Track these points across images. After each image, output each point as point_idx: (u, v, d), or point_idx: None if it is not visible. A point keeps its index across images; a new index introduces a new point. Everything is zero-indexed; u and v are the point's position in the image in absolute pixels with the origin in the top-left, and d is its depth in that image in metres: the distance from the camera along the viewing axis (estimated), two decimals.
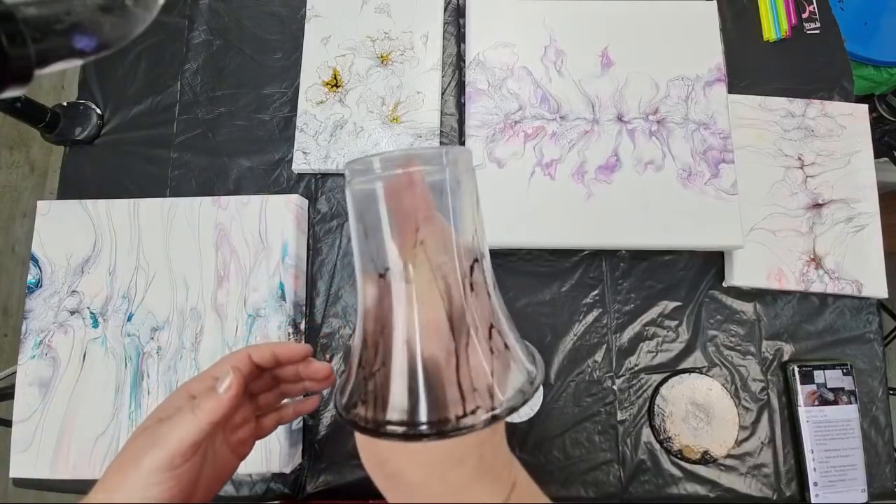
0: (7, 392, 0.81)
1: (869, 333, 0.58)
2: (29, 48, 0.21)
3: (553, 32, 0.59)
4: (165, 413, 0.30)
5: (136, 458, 0.28)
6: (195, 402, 0.29)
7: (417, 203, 0.23)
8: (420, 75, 0.61)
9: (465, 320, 0.22)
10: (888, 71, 1.08)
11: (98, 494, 0.28)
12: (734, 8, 0.67)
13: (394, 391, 0.22)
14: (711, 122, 0.56)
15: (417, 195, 0.23)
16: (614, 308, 0.58)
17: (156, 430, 0.29)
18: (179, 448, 0.28)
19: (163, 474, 0.27)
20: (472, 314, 0.23)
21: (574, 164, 0.55)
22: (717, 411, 0.54)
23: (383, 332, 0.23)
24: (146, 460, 0.27)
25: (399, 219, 0.23)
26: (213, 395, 0.29)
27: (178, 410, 0.29)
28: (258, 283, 0.54)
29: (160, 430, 0.28)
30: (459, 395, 0.22)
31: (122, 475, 0.27)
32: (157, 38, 0.66)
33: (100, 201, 0.58)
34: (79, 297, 0.55)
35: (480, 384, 0.22)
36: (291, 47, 0.65)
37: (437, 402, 0.22)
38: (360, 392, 0.23)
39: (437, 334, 0.22)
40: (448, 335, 0.22)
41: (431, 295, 0.22)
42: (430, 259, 0.22)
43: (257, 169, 0.62)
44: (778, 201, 0.58)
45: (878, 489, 0.54)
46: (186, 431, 0.28)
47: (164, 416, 0.29)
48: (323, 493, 0.54)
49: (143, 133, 0.64)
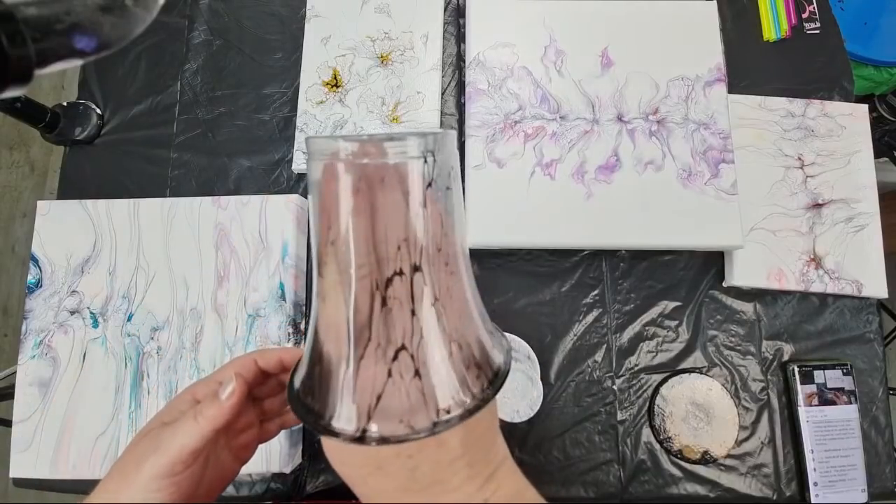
0: (7, 392, 0.80)
1: (869, 333, 0.58)
2: (29, 48, 0.20)
3: (553, 32, 0.59)
4: (169, 417, 0.30)
5: (137, 463, 0.28)
6: (198, 407, 0.29)
7: (332, 200, 0.21)
8: (420, 75, 0.61)
9: (367, 331, 0.21)
10: (888, 71, 1.08)
11: (100, 494, 0.28)
12: (734, 8, 0.67)
13: (309, 379, 0.23)
14: (711, 122, 0.56)
15: (333, 191, 0.21)
16: (614, 308, 0.58)
17: (158, 434, 0.29)
18: (180, 455, 0.27)
19: (163, 480, 0.27)
20: (377, 328, 0.21)
21: (574, 164, 0.55)
22: (717, 411, 0.54)
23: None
24: (147, 466, 0.27)
25: (318, 211, 0.22)
26: (216, 402, 0.29)
27: (182, 415, 0.29)
28: (258, 283, 0.54)
29: (162, 434, 0.29)
30: (339, 402, 0.21)
31: (123, 479, 0.28)
32: (157, 38, 0.66)
33: (100, 201, 0.58)
34: (79, 297, 0.55)
35: (362, 401, 0.21)
36: (291, 47, 0.65)
37: (322, 399, 0.22)
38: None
39: (335, 336, 0.22)
40: (345, 341, 0.21)
41: (335, 296, 0.22)
42: (339, 261, 0.21)
43: (257, 169, 0.62)
44: (778, 201, 0.58)
45: (878, 489, 0.54)
46: (188, 438, 0.28)
47: (168, 420, 0.29)
48: (323, 493, 0.54)
49: (143, 133, 0.64)
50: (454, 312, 0.22)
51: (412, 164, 0.20)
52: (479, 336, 0.23)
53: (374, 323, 0.21)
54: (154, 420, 0.30)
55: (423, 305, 0.21)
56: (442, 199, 0.21)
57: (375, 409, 0.21)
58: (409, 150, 0.20)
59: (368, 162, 0.20)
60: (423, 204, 0.20)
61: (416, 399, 0.21)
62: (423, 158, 0.20)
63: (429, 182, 0.20)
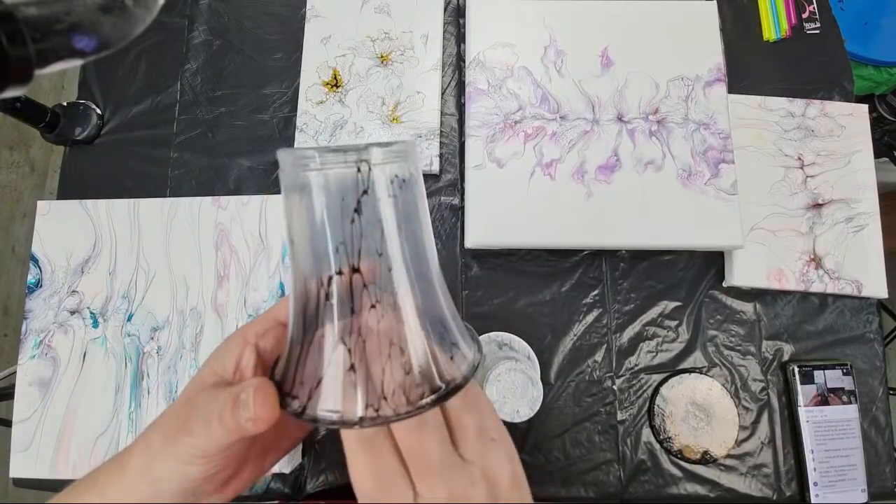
0: (7, 392, 0.81)
1: (869, 333, 0.58)
2: (29, 48, 0.20)
3: (553, 32, 0.59)
4: (201, 396, 0.26)
5: (173, 439, 0.25)
6: (230, 412, 0.24)
7: (287, 205, 0.24)
8: (420, 75, 0.61)
9: (314, 321, 0.23)
10: (888, 71, 1.08)
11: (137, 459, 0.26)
12: (734, 8, 0.67)
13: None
14: (711, 122, 0.56)
15: (287, 197, 0.24)
16: (614, 308, 0.58)
17: (187, 417, 0.25)
18: (212, 448, 0.24)
19: (199, 458, 0.25)
20: (321, 320, 0.23)
21: (574, 164, 0.55)
22: (717, 411, 0.54)
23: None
24: (182, 444, 0.25)
25: (283, 213, 0.25)
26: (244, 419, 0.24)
27: (210, 410, 0.24)
28: (258, 283, 0.54)
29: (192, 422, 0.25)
30: (292, 380, 0.24)
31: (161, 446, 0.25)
32: (157, 38, 0.66)
33: (100, 201, 0.58)
34: (79, 297, 0.55)
35: (307, 382, 0.23)
36: (291, 47, 0.65)
37: (282, 375, 0.25)
38: None
39: (294, 323, 0.24)
40: (300, 327, 0.24)
41: (296, 288, 0.24)
42: (294, 258, 0.24)
43: (257, 169, 0.62)
44: (778, 201, 0.58)
45: (878, 489, 0.54)
46: (212, 443, 0.24)
47: (199, 404, 0.25)
48: (323, 493, 0.54)
49: (143, 133, 0.64)
50: (398, 318, 0.23)
51: (346, 172, 0.22)
52: (428, 346, 0.24)
53: (319, 315, 0.23)
54: (192, 386, 0.27)
55: (364, 305, 0.23)
56: (385, 206, 0.23)
57: (315, 391, 0.23)
58: (345, 159, 0.22)
59: (312, 170, 0.22)
60: (357, 210, 0.22)
61: (349, 391, 0.22)
62: (357, 168, 0.22)
63: (363, 190, 0.22)
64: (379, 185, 0.22)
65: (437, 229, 0.60)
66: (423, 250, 0.24)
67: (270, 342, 0.28)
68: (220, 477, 0.26)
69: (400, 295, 0.23)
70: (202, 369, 0.27)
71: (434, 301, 0.25)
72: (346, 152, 0.22)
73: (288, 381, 0.24)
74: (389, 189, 0.23)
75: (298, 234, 0.23)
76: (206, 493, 0.26)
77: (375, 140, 0.60)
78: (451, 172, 0.61)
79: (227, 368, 0.27)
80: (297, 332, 0.24)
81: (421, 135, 0.60)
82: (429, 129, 0.60)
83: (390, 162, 0.23)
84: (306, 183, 0.22)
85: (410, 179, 0.24)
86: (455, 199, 0.60)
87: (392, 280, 0.23)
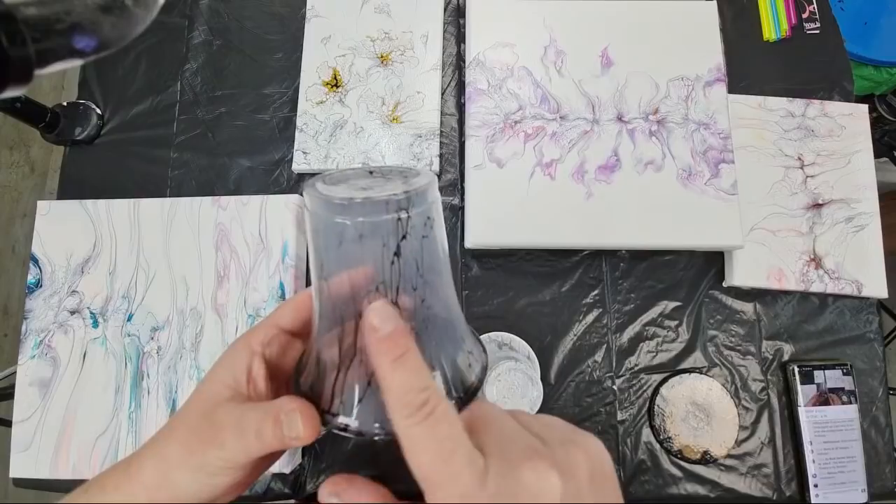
0: (7, 392, 0.81)
1: (869, 333, 0.58)
2: (29, 48, 0.20)
3: (553, 32, 0.59)
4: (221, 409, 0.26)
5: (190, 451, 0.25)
6: (272, 429, 0.24)
7: (324, 246, 0.25)
8: (420, 75, 0.61)
9: (352, 349, 0.24)
10: (888, 71, 1.08)
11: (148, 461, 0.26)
12: (734, 8, 0.67)
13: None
14: (711, 122, 0.56)
15: (324, 239, 0.25)
16: (614, 308, 0.58)
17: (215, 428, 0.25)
18: (243, 460, 0.25)
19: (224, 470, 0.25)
20: (360, 348, 0.24)
21: (574, 164, 0.55)
22: (717, 411, 0.54)
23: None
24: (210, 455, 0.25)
25: (313, 250, 0.25)
26: (277, 438, 0.24)
27: (244, 425, 0.25)
28: (258, 283, 0.54)
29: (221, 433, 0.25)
30: (330, 400, 0.25)
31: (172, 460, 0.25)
32: (157, 38, 0.66)
33: (100, 201, 0.58)
34: (79, 297, 0.55)
35: (348, 400, 0.25)
36: (291, 47, 0.65)
37: (318, 392, 0.26)
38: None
39: (329, 348, 0.25)
40: (337, 355, 0.25)
41: (328, 319, 0.25)
42: (332, 296, 0.25)
43: (257, 169, 0.62)
44: (778, 201, 0.58)
45: (878, 489, 0.54)
46: (245, 456, 0.25)
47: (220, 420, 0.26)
48: None
49: (143, 133, 0.64)
50: (430, 340, 0.25)
51: (387, 219, 0.23)
52: (454, 358, 0.26)
53: (357, 344, 0.24)
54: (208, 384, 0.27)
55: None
56: (418, 245, 0.24)
57: (356, 408, 0.24)
58: (387, 209, 0.23)
59: (351, 218, 0.23)
60: (397, 254, 0.23)
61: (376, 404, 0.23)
62: (398, 216, 0.23)
63: (402, 235, 0.23)
64: (415, 228, 0.23)
65: None
66: (443, 269, 0.26)
67: (276, 350, 0.28)
68: (240, 484, 0.27)
69: (430, 319, 0.25)
70: (211, 382, 0.27)
71: (455, 315, 0.27)
72: (387, 203, 0.22)
73: (326, 400, 0.25)
74: (423, 231, 0.24)
75: (335, 275, 0.24)
76: (222, 497, 0.27)
77: (377, 140, 0.60)
78: (451, 172, 0.61)
79: (240, 380, 0.27)
80: (334, 359, 0.25)
81: (421, 135, 0.60)
82: (429, 129, 0.60)
83: (422, 204, 0.24)
84: (343, 230, 0.23)
85: (436, 216, 0.25)
86: (455, 199, 0.60)
87: (424, 308, 0.25)
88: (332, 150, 0.59)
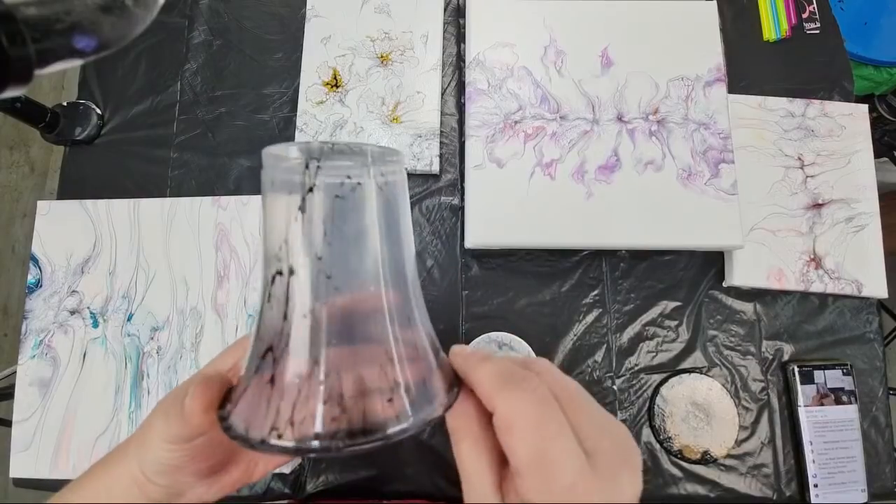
0: (7, 392, 0.81)
1: (869, 333, 0.58)
2: (29, 48, 0.21)
3: (553, 32, 0.59)
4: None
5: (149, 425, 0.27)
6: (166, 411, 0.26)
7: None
8: (420, 75, 0.61)
9: (257, 320, 0.23)
10: (888, 71, 1.08)
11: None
12: (734, 8, 0.67)
13: None
14: (711, 122, 0.56)
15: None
16: (614, 308, 0.58)
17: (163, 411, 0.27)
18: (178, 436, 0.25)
19: (173, 444, 0.25)
20: (261, 322, 0.22)
21: (574, 164, 0.55)
22: (717, 411, 0.54)
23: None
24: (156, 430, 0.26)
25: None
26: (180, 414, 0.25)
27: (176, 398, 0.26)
28: (258, 283, 0.54)
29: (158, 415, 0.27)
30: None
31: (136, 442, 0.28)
32: (157, 38, 0.66)
33: (100, 201, 0.58)
34: (79, 297, 0.55)
35: (237, 385, 0.23)
36: (291, 47, 0.65)
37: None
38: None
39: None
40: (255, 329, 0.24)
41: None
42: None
43: (257, 169, 0.62)
44: (778, 201, 0.58)
45: (878, 489, 0.54)
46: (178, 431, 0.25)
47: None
48: (323, 493, 0.54)
49: (143, 133, 0.64)
50: (334, 334, 0.21)
51: (295, 168, 0.21)
52: (363, 376, 0.20)
53: (261, 315, 0.22)
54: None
55: (295, 312, 0.21)
56: (329, 205, 0.21)
57: (240, 398, 0.21)
58: (292, 154, 0.21)
59: (268, 169, 0.22)
60: (301, 208, 0.21)
61: (262, 406, 0.20)
62: (305, 164, 0.21)
63: (309, 187, 0.21)
64: (330, 186, 0.22)
65: (437, 229, 0.60)
66: (367, 249, 0.23)
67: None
68: (198, 468, 0.27)
69: (350, 311, 0.23)
70: (216, 359, 0.28)
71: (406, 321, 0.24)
72: (300, 149, 0.21)
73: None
74: (341, 191, 0.22)
75: (261, 232, 0.23)
76: (188, 483, 0.27)
77: (377, 141, 0.60)
78: (451, 172, 0.61)
79: (226, 366, 0.28)
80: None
81: (421, 135, 0.60)
82: (429, 129, 0.60)
83: (344, 164, 0.22)
84: (264, 180, 0.23)
85: (371, 187, 0.22)
86: (455, 199, 0.60)
87: (345, 290, 0.22)
88: None
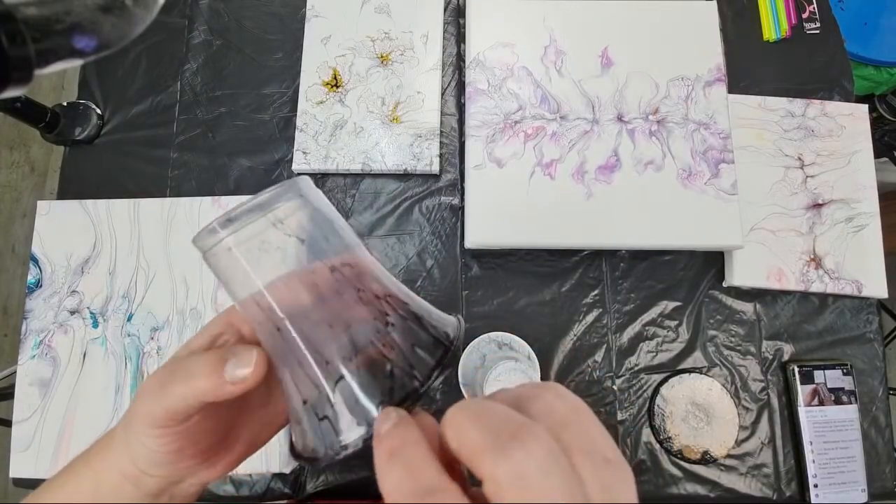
0: (7, 392, 0.81)
1: (869, 333, 0.58)
2: (29, 48, 0.21)
3: (553, 32, 0.59)
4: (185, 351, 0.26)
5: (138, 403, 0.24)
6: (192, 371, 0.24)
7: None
8: (420, 75, 0.61)
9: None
10: (888, 71, 1.08)
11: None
12: (734, 8, 0.67)
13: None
14: (711, 122, 0.56)
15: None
16: (614, 308, 0.58)
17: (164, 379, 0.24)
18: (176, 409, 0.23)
19: (156, 430, 0.23)
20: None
21: (574, 164, 0.55)
22: (717, 411, 0.54)
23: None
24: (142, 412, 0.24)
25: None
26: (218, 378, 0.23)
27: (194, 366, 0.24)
28: None
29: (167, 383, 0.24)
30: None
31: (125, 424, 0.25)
32: (157, 38, 0.66)
33: (100, 201, 0.58)
34: (79, 297, 0.55)
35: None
36: (291, 47, 0.65)
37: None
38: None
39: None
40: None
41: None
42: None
43: (257, 169, 0.62)
44: (778, 201, 0.58)
45: (878, 489, 0.54)
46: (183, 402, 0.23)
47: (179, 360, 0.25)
48: (323, 493, 0.54)
49: (143, 133, 0.64)
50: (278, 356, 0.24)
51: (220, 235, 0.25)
52: (295, 407, 0.23)
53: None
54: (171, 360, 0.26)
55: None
56: (249, 253, 0.25)
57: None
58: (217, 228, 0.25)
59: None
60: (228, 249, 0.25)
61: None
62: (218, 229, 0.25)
63: (228, 247, 0.25)
64: (243, 235, 0.25)
65: (437, 229, 0.60)
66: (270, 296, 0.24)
67: (248, 329, 0.27)
68: (197, 449, 0.25)
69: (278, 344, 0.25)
70: (188, 342, 0.27)
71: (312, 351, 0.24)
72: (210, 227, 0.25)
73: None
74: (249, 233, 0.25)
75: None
76: (188, 467, 0.25)
77: (376, 140, 0.60)
78: (451, 172, 0.61)
79: (212, 336, 0.27)
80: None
81: (421, 135, 0.60)
82: (429, 129, 0.60)
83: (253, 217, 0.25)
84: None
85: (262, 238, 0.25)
86: (455, 199, 0.60)
87: (265, 324, 0.25)
88: (332, 150, 0.59)
